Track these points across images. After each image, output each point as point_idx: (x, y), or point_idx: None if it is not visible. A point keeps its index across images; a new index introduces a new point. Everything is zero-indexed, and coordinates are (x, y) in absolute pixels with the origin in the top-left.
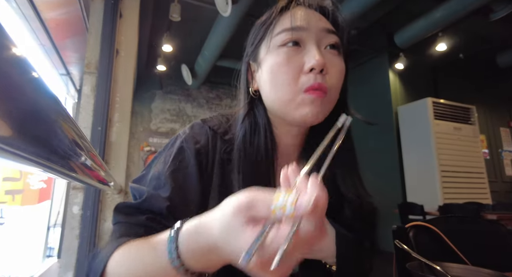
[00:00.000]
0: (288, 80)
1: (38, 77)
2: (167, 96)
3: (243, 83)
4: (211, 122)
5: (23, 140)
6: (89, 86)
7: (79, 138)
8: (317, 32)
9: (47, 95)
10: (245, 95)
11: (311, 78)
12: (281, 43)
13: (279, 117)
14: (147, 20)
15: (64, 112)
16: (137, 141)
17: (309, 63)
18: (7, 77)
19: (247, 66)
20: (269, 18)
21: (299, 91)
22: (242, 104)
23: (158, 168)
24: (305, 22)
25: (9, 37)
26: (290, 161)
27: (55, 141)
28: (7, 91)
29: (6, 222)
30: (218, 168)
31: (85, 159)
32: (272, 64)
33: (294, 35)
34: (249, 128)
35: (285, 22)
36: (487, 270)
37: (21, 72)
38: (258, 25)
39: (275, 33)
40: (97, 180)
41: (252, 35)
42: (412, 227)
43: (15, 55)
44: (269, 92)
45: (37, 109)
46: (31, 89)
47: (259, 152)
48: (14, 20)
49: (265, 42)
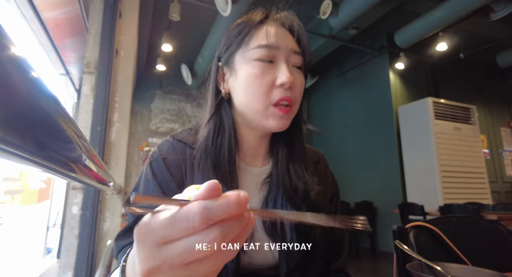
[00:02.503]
0: (261, 91)
1: (38, 77)
2: (166, 96)
3: (212, 84)
4: (179, 135)
5: (22, 140)
6: (89, 86)
7: (79, 138)
8: (287, 52)
9: (46, 95)
10: (213, 96)
11: (281, 92)
12: (258, 58)
13: (246, 120)
14: (147, 20)
15: (64, 112)
16: (136, 141)
17: (280, 79)
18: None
19: (217, 69)
20: (244, 29)
21: (269, 103)
22: (209, 104)
23: (142, 186)
24: (278, 41)
25: (8, 37)
26: (256, 158)
27: (54, 141)
28: (6, 91)
29: (5, 222)
30: (190, 173)
31: (85, 159)
32: (247, 74)
33: (269, 52)
34: (214, 127)
35: (261, 38)
36: (488, 270)
37: (20, 72)
38: (232, 32)
39: (251, 46)
40: (97, 180)
41: (227, 41)
42: (413, 227)
43: (14, 54)
44: (242, 99)
45: (36, 109)
46: (30, 89)
47: (221, 152)
48: (14, 20)
49: (240, 52)
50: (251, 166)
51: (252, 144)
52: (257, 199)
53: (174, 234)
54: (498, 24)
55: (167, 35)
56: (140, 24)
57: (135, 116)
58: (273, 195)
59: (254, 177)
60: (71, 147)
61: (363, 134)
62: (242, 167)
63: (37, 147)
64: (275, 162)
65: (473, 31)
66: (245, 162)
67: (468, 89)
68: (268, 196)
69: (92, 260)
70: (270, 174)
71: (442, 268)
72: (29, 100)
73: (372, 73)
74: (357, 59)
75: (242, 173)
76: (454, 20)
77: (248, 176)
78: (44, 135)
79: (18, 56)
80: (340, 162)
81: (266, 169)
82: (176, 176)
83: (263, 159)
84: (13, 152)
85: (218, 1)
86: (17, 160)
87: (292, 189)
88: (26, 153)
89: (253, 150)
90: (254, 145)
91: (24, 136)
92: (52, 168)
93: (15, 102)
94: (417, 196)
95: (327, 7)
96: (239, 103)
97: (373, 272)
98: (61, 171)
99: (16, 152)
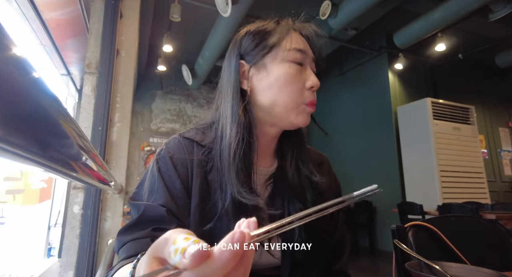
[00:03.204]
0: (296, 91)
1: (39, 77)
2: (167, 96)
3: (234, 83)
4: (187, 133)
5: (24, 140)
6: (90, 86)
7: (80, 138)
8: (311, 58)
9: (48, 95)
10: (235, 95)
11: (312, 95)
12: (293, 59)
13: (270, 117)
14: (148, 21)
15: (65, 112)
16: (137, 141)
17: (311, 82)
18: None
19: (239, 67)
20: (275, 31)
21: (301, 102)
22: (231, 103)
23: (148, 183)
24: (306, 47)
25: (9, 37)
26: (264, 161)
27: (55, 141)
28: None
29: (7, 222)
30: (196, 171)
31: (86, 159)
32: (284, 74)
33: (301, 56)
34: (240, 126)
35: (294, 41)
36: (486, 270)
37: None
38: (259, 33)
39: (287, 48)
40: (98, 179)
41: (253, 40)
42: (411, 226)
43: (15, 55)
44: (274, 96)
45: (37, 109)
46: (32, 89)
47: (245, 154)
48: (15, 20)
49: (274, 52)
50: (259, 166)
51: (264, 143)
52: (262, 198)
53: None
54: (497, 24)
55: (167, 36)
56: (141, 24)
57: (136, 116)
58: (281, 194)
59: (261, 178)
60: (72, 147)
61: (362, 134)
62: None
63: (38, 147)
64: (284, 160)
65: (472, 32)
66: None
67: (467, 90)
68: (275, 193)
69: (93, 259)
70: (275, 173)
71: (441, 267)
72: (30, 100)
73: (371, 74)
74: (356, 60)
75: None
76: (453, 21)
77: (255, 177)
78: (46, 135)
79: (19, 56)
80: (339, 162)
81: (271, 170)
82: (182, 174)
83: (270, 159)
84: (15, 152)
85: (219, 2)
86: (19, 160)
87: (300, 187)
88: (28, 153)
89: (264, 150)
90: (265, 144)
91: (26, 136)
92: (53, 168)
93: (17, 102)
94: (416, 195)
95: (327, 8)
96: (269, 100)
97: (372, 271)
98: (63, 170)
99: (18, 152)
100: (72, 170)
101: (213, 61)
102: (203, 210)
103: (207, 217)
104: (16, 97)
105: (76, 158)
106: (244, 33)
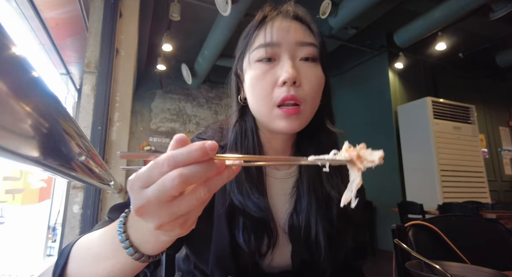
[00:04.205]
0: (263, 94)
1: (38, 76)
2: (167, 95)
3: (234, 90)
4: (205, 134)
5: (23, 139)
6: (89, 86)
7: (79, 138)
8: (291, 46)
9: (47, 94)
10: (235, 101)
11: (283, 91)
12: (258, 59)
13: (261, 124)
14: (147, 20)
15: (64, 112)
16: (137, 140)
17: (281, 76)
18: (7, 76)
19: (237, 75)
20: (249, 31)
21: (273, 105)
22: (234, 110)
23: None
24: (280, 36)
25: (9, 37)
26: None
27: (55, 140)
28: (7, 91)
29: (6, 221)
30: None
31: (85, 158)
32: (251, 78)
33: (268, 51)
34: (239, 133)
35: (262, 37)
36: (486, 269)
37: (21, 71)
38: (243, 35)
39: (253, 47)
40: (97, 179)
41: (239, 45)
42: (412, 226)
43: (15, 54)
44: (250, 103)
45: (37, 108)
46: (31, 89)
47: (249, 152)
48: (14, 20)
49: (247, 56)
50: (276, 170)
51: (276, 146)
52: (286, 208)
53: (151, 179)
54: (498, 23)
55: (167, 35)
56: (140, 23)
57: (135, 115)
58: (304, 205)
59: (280, 183)
60: (72, 147)
61: (363, 134)
62: (267, 171)
63: (38, 147)
64: (304, 170)
65: (472, 31)
66: (269, 166)
67: (467, 89)
68: (297, 205)
69: None
70: (298, 179)
71: (441, 267)
72: (30, 100)
73: (371, 73)
74: (357, 59)
75: (268, 179)
76: (453, 20)
77: (274, 182)
78: (45, 134)
79: (19, 55)
80: None
81: (291, 172)
82: None
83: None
84: (14, 151)
85: (218, 1)
86: (18, 159)
87: (324, 199)
88: (27, 153)
89: (278, 153)
90: (278, 148)
91: (25, 135)
92: (53, 167)
93: (16, 101)
94: (416, 195)
95: (327, 7)
96: (251, 107)
97: (372, 270)
98: (62, 170)
99: (17, 151)
100: (71, 170)
101: (213, 60)
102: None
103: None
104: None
105: (75, 157)
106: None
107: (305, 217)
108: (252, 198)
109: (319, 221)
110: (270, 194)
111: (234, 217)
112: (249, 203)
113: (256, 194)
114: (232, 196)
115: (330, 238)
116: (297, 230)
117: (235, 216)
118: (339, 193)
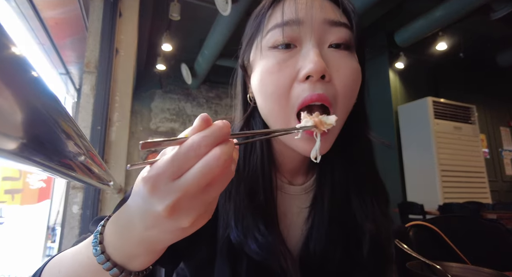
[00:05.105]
0: (278, 92)
1: (38, 76)
2: (166, 95)
3: (239, 88)
4: None
5: (22, 139)
6: (89, 85)
7: (79, 138)
8: (318, 26)
9: (47, 94)
10: (242, 102)
11: (306, 89)
12: (272, 44)
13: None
14: (147, 19)
15: (64, 112)
16: (136, 140)
17: (304, 68)
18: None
19: (244, 68)
20: (261, 9)
21: (292, 109)
22: (239, 112)
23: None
24: (302, 12)
25: (8, 36)
26: (297, 174)
27: (54, 141)
28: (6, 91)
29: (5, 222)
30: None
31: (85, 159)
32: (262, 70)
33: (287, 32)
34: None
35: (278, 15)
36: (487, 269)
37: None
38: (252, 17)
39: (266, 30)
40: (97, 179)
41: (247, 30)
42: (412, 226)
43: (14, 54)
44: (260, 105)
45: (36, 108)
46: (30, 89)
47: (255, 175)
48: (14, 19)
49: (257, 43)
50: (290, 185)
51: (291, 159)
52: (300, 230)
53: (185, 165)
54: (498, 23)
55: (167, 35)
56: (140, 23)
57: (135, 115)
58: (320, 232)
59: (295, 199)
60: (71, 147)
61: None
62: (279, 185)
63: (37, 147)
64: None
65: (473, 31)
66: (282, 180)
67: (468, 89)
68: (313, 231)
69: None
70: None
71: (442, 267)
72: (29, 100)
73: (372, 73)
74: None
75: (280, 194)
76: (454, 20)
77: (287, 198)
78: (44, 134)
79: (18, 55)
80: None
81: (307, 186)
82: None
83: (304, 173)
84: (14, 151)
85: (218, 0)
86: (18, 160)
87: (349, 228)
88: (26, 153)
89: (293, 166)
90: (293, 160)
91: (24, 135)
92: (52, 168)
93: (15, 101)
94: (417, 195)
95: None
96: (260, 110)
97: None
98: (62, 170)
99: (16, 151)
100: (71, 170)
101: (213, 60)
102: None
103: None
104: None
105: (75, 157)
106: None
107: (322, 248)
108: (256, 236)
109: (334, 251)
110: (281, 213)
111: (236, 256)
112: (251, 242)
113: (262, 228)
114: (229, 231)
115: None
116: (312, 262)
117: (237, 255)
118: (375, 224)
